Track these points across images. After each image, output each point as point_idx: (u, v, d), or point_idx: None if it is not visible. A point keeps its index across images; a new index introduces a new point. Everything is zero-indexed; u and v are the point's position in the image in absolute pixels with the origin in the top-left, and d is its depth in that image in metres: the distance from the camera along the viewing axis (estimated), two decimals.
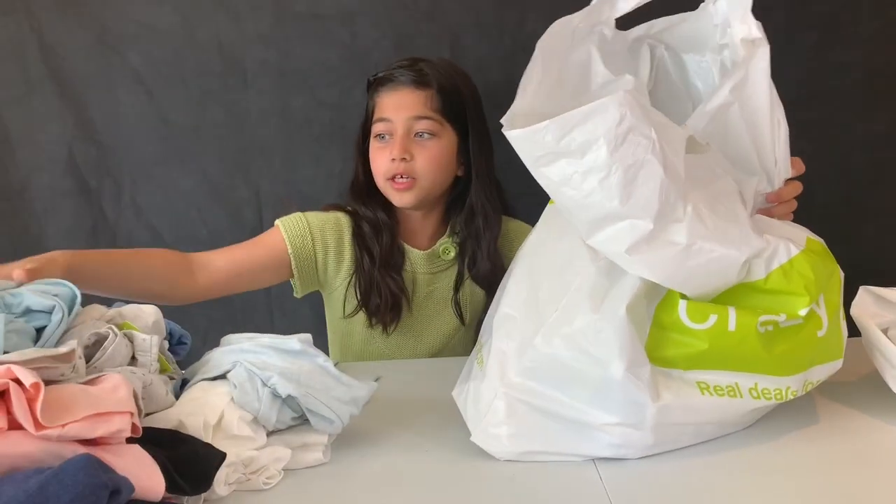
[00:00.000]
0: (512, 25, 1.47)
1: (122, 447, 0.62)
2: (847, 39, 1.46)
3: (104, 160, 1.50)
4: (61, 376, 0.65)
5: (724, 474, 0.76)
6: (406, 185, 1.19)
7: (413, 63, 1.21)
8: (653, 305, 0.77)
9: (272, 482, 0.75)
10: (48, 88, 1.47)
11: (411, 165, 1.18)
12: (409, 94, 1.19)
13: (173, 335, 0.89)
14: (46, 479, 0.53)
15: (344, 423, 0.80)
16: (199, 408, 0.75)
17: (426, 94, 1.19)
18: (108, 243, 1.53)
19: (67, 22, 1.45)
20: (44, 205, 1.51)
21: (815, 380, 0.82)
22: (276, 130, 1.50)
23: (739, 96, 0.79)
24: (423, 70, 1.20)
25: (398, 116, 1.18)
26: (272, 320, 1.57)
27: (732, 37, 0.83)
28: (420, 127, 1.19)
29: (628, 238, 0.72)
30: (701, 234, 0.73)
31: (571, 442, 0.77)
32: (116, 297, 1.02)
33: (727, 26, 0.85)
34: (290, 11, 1.46)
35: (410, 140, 1.19)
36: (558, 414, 0.77)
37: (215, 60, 1.47)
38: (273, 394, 0.78)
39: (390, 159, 1.18)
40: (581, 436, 0.77)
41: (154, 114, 1.49)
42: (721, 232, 0.74)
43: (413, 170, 1.18)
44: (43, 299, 0.72)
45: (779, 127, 0.82)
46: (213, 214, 1.53)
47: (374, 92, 1.23)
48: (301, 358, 0.81)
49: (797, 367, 0.80)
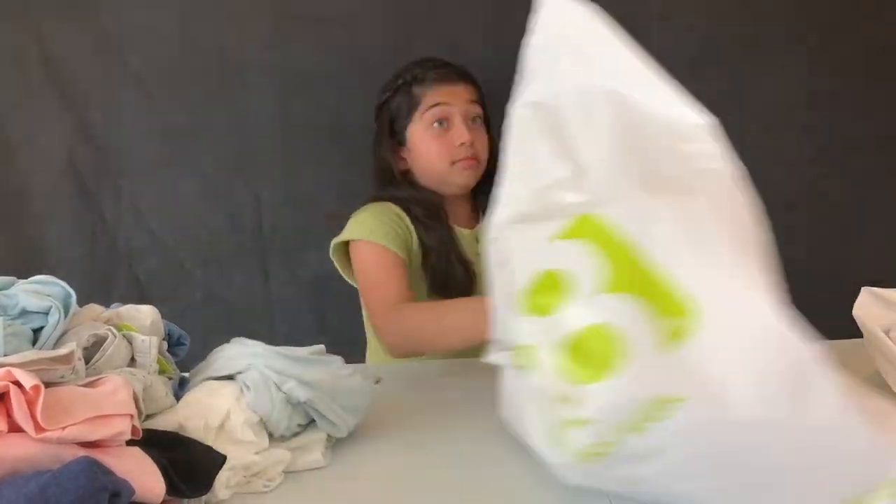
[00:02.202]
0: (512, 28, 1.47)
1: (123, 450, 0.61)
2: (848, 42, 1.46)
3: (104, 163, 1.50)
4: (61, 378, 0.65)
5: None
6: (473, 163, 1.27)
7: (446, 62, 1.29)
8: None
9: (272, 485, 0.75)
10: (48, 92, 1.47)
11: (474, 148, 1.26)
12: (462, 86, 1.28)
13: (172, 336, 0.89)
14: (46, 482, 0.53)
15: (350, 428, 0.82)
16: (201, 410, 0.75)
17: (472, 86, 1.29)
18: (108, 246, 1.53)
19: (67, 25, 1.45)
20: (44, 207, 1.51)
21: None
22: (276, 133, 1.50)
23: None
24: (463, 67, 1.30)
25: (459, 102, 1.26)
26: (272, 324, 1.57)
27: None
28: (475, 112, 1.28)
29: None
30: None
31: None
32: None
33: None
34: (290, 15, 1.46)
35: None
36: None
37: (215, 64, 1.47)
38: (286, 399, 0.78)
39: (457, 144, 1.25)
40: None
41: (154, 117, 1.49)
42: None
43: (476, 152, 1.27)
44: (38, 300, 0.72)
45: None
46: (213, 218, 1.53)
47: (420, 86, 1.27)
48: (314, 365, 0.81)
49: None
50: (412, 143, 1.29)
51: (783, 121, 1.50)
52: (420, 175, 1.31)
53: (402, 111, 1.29)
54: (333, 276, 1.55)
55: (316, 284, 1.56)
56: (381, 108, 1.32)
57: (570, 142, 0.70)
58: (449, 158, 1.26)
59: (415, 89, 1.27)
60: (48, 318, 0.72)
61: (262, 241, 1.54)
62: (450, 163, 1.26)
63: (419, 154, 1.29)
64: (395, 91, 1.30)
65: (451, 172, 1.27)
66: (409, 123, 1.28)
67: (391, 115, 1.31)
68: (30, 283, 0.75)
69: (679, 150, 0.68)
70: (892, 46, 1.47)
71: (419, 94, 1.27)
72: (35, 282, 0.76)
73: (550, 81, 0.76)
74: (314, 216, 1.53)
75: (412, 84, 1.28)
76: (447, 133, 1.26)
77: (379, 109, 1.33)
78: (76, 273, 1.51)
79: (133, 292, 1.54)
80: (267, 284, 1.55)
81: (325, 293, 1.56)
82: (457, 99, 1.26)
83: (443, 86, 1.27)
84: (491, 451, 0.83)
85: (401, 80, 1.29)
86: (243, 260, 1.55)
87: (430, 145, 1.27)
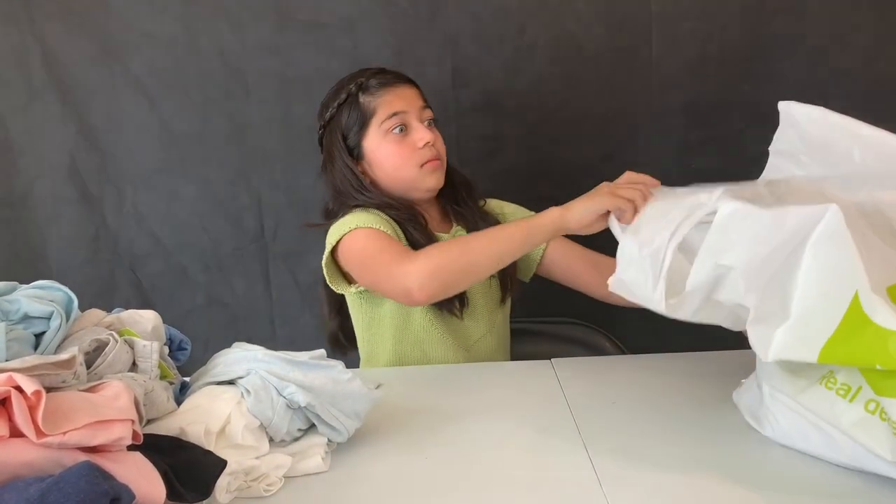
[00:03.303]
0: (512, 33, 1.47)
1: (123, 454, 0.62)
2: (848, 47, 1.46)
3: (106, 168, 1.51)
4: (62, 383, 0.65)
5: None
6: (438, 164, 1.24)
7: (385, 68, 1.27)
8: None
9: (273, 489, 0.75)
10: (51, 96, 1.48)
11: (436, 147, 1.23)
12: (410, 90, 1.25)
13: (173, 341, 0.89)
14: (47, 486, 0.53)
15: (349, 433, 0.83)
16: (202, 415, 0.75)
17: (417, 89, 1.26)
18: (110, 250, 1.53)
19: (70, 31, 1.46)
20: (46, 212, 1.52)
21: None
22: (278, 138, 1.51)
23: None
24: (402, 72, 1.27)
25: (412, 107, 1.23)
26: (274, 328, 1.57)
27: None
28: (428, 115, 1.25)
29: None
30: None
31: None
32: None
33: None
34: (292, 20, 1.46)
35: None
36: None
37: (217, 69, 1.48)
38: (287, 404, 0.78)
39: (420, 146, 1.21)
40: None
41: (156, 122, 1.49)
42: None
43: (439, 151, 1.24)
44: (40, 305, 0.72)
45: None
46: (214, 222, 1.53)
47: (367, 95, 1.23)
48: (315, 370, 0.81)
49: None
50: (370, 154, 1.23)
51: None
52: (386, 184, 1.24)
53: (355, 125, 1.23)
54: None
55: (317, 289, 1.56)
56: (328, 127, 1.26)
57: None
58: (415, 162, 1.21)
59: (363, 99, 1.23)
60: (50, 323, 0.73)
61: (263, 246, 1.54)
62: (417, 166, 1.22)
63: (381, 163, 1.23)
64: (339, 106, 1.24)
65: (420, 176, 1.22)
66: (364, 136, 1.23)
67: (343, 130, 1.24)
68: (32, 289, 0.76)
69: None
70: (891, 53, 1.47)
71: (369, 104, 1.22)
72: (37, 287, 0.76)
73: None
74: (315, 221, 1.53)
75: (358, 94, 1.23)
76: (407, 137, 1.22)
77: (325, 128, 1.27)
78: (78, 278, 1.52)
79: (135, 297, 1.54)
80: (268, 289, 1.56)
81: None
82: (410, 104, 1.23)
83: (391, 90, 1.23)
84: (490, 455, 0.83)
85: (344, 93, 1.24)
86: (245, 264, 1.55)
87: (392, 152, 1.22)
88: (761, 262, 0.73)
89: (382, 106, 1.22)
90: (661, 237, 0.80)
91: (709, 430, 0.87)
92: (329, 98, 1.26)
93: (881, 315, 0.67)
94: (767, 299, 0.74)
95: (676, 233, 0.80)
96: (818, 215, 0.71)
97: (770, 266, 0.73)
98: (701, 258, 0.77)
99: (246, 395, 0.77)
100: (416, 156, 1.21)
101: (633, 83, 1.49)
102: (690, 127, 1.49)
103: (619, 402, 0.97)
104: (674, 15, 1.46)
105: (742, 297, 0.75)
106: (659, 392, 0.99)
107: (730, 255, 0.75)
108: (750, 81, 1.47)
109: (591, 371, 1.10)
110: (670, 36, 1.47)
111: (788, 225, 0.72)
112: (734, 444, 0.83)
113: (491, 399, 1.00)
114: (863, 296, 0.68)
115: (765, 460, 0.80)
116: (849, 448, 0.74)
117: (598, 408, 0.95)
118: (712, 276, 0.77)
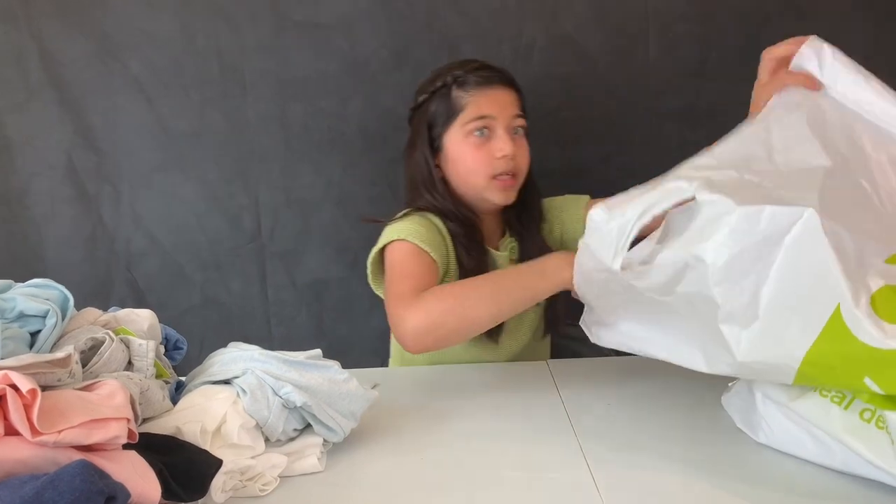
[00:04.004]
0: (510, 35, 1.48)
1: (119, 453, 0.62)
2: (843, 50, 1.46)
3: (103, 167, 1.51)
4: (58, 381, 0.65)
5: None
6: (512, 183, 1.18)
7: (489, 64, 1.21)
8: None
9: (268, 489, 0.75)
10: (48, 95, 1.47)
11: (515, 162, 1.17)
12: (506, 93, 1.19)
13: (169, 340, 0.89)
14: (42, 485, 0.53)
15: (345, 433, 0.83)
16: (197, 414, 0.75)
17: (516, 93, 1.20)
18: (106, 249, 1.53)
19: (68, 29, 1.46)
20: (43, 211, 1.52)
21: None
22: (275, 138, 1.51)
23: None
24: (507, 72, 1.21)
25: (503, 113, 1.17)
26: (270, 327, 1.57)
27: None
28: (519, 123, 1.19)
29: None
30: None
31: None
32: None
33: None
34: (290, 20, 1.46)
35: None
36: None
37: (215, 68, 1.48)
38: (283, 404, 0.78)
39: (498, 156, 1.16)
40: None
41: (153, 121, 1.49)
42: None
43: (517, 166, 1.18)
44: (36, 303, 0.72)
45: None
46: (211, 221, 1.53)
47: (461, 90, 1.18)
48: (311, 370, 0.81)
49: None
50: (449, 150, 1.20)
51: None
52: (456, 185, 1.21)
53: (441, 117, 1.20)
54: (331, 281, 1.56)
55: (314, 289, 1.56)
56: (418, 111, 1.23)
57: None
58: (488, 172, 1.17)
59: (455, 93, 1.18)
60: (46, 322, 0.73)
61: (260, 246, 1.54)
62: (488, 177, 1.17)
63: (456, 164, 1.20)
64: (432, 94, 1.20)
65: (488, 189, 1.18)
66: (447, 131, 1.19)
67: (429, 119, 1.21)
68: (28, 287, 0.76)
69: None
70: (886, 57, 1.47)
71: (460, 99, 1.18)
72: (33, 285, 0.76)
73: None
74: (313, 221, 1.54)
75: (452, 87, 1.18)
76: (487, 143, 1.17)
77: (414, 112, 1.25)
78: (74, 276, 1.51)
79: (131, 296, 1.54)
80: (265, 289, 1.56)
81: (323, 298, 1.56)
82: (501, 109, 1.17)
83: (486, 91, 1.17)
84: (486, 456, 0.83)
85: (440, 82, 1.19)
86: (241, 264, 1.55)
87: (468, 156, 1.18)
88: (732, 258, 0.71)
89: (471, 105, 1.17)
90: (632, 212, 0.80)
91: (705, 431, 0.87)
92: (426, 83, 1.23)
93: (864, 333, 0.66)
94: (736, 296, 0.72)
95: (646, 213, 0.79)
96: (794, 216, 0.69)
97: (741, 263, 0.71)
98: (673, 244, 0.76)
99: (242, 395, 0.78)
100: (491, 165, 1.16)
101: (631, 85, 1.49)
102: (688, 129, 1.49)
103: (616, 404, 0.97)
104: (671, 17, 1.46)
105: (709, 290, 0.73)
106: (655, 394, 0.99)
107: (701, 247, 0.73)
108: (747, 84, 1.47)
109: (587, 372, 1.10)
110: (667, 38, 1.47)
111: (763, 223, 0.70)
112: (730, 447, 0.83)
113: (487, 400, 1.00)
114: (845, 310, 0.67)
115: (760, 463, 0.80)
116: (841, 454, 0.74)
117: (594, 409, 0.95)
118: (681, 265, 0.75)
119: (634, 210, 0.80)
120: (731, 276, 0.72)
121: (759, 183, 0.76)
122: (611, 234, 0.81)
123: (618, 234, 0.80)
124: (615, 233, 0.80)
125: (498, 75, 1.20)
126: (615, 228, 0.81)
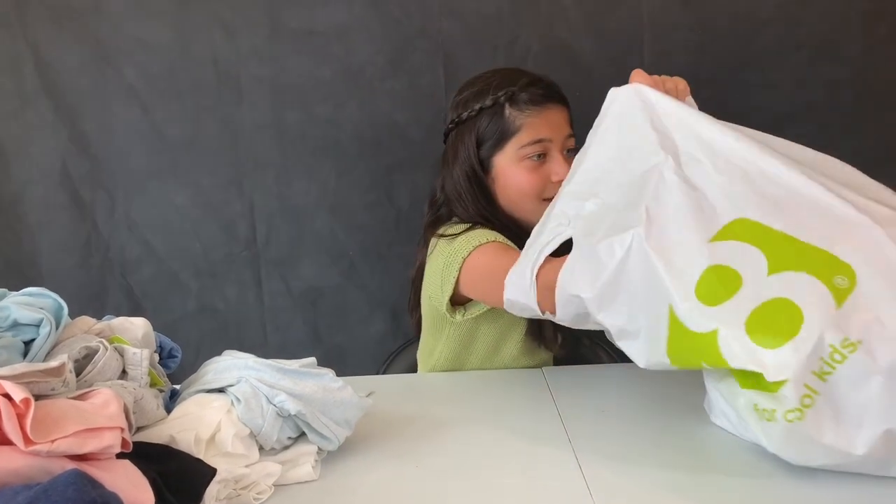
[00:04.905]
0: (504, 42, 1.48)
1: (112, 462, 0.61)
2: (837, 58, 1.47)
3: (98, 174, 1.51)
4: (52, 391, 0.65)
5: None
6: None
7: (540, 78, 1.16)
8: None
9: (263, 498, 0.75)
10: (43, 102, 1.47)
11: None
12: (560, 112, 1.16)
13: (164, 348, 0.89)
14: (35, 495, 0.53)
15: (340, 442, 0.83)
16: (192, 422, 0.75)
17: (567, 109, 1.17)
18: (101, 256, 1.53)
19: (63, 36, 1.46)
20: (37, 218, 1.52)
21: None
22: (270, 145, 1.51)
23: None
24: (557, 86, 1.17)
25: (558, 134, 1.13)
26: (265, 334, 1.57)
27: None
28: (571, 144, 1.15)
29: None
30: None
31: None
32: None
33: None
34: (285, 27, 1.47)
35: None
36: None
37: (210, 75, 1.48)
38: (277, 412, 0.78)
39: (554, 181, 1.11)
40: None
41: (148, 128, 1.49)
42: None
43: None
44: (30, 312, 0.72)
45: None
46: (206, 228, 1.53)
47: (515, 109, 1.13)
48: (305, 378, 0.81)
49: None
50: (499, 171, 1.15)
51: (775, 133, 1.50)
52: (504, 204, 1.16)
53: (492, 137, 1.14)
54: (326, 288, 1.56)
55: (309, 296, 1.56)
56: (462, 126, 1.16)
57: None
58: (541, 195, 1.12)
59: (509, 113, 1.13)
60: (39, 331, 0.72)
61: (255, 253, 1.54)
62: (541, 199, 1.12)
63: (506, 185, 1.15)
64: (481, 110, 1.14)
65: (538, 211, 1.04)
66: (499, 152, 1.14)
67: (478, 136, 1.15)
68: (21, 295, 0.76)
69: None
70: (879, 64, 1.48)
71: (514, 120, 1.12)
72: (27, 294, 0.76)
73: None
74: (308, 228, 1.54)
75: (505, 105, 1.13)
76: (543, 167, 1.13)
77: (460, 125, 1.17)
78: (69, 284, 1.51)
79: (126, 303, 1.54)
80: (260, 296, 1.56)
81: (318, 305, 1.56)
82: (557, 131, 1.13)
83: (541, 112, 1.12)
84: (481, 463, 0.83)
85: (490, 99, 1.13)
86: (236, 271, 1.55)
87: (522, 179, 1.13)
88: (600, 289, 0.82)
89: (528, 128, 1.12)
90: (527, 260, 0.92)
91: (699, 438, 0.87)
92: (471, 96, 1.16)
93: (692, 322, 0.75)
94: (616, 318, 0.83)
95: (539, 257, 0.91)
96: (625, 242, 0.80)
97: (609, 290, 0.82)
98: (560, 285, 0.87)
99: (236, 403, 0.77)
100: (546, 188, 1.13)
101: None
102: None
103: (610, 411, 0.97)
104: (665, 25, 1.47)
105: (597, 317, 0.84)
106: (649, 401, 0.99)
107: (576, 286, 0.85)
108: (741, 91, 1.48)
109: (582, 379, 1.10)
110: (662, 45, 1.47)
111: (603, 256, 0.82)
112: (724, 454, 0.83)
113: (481, 407, 1.01)
114: (676, 308, 0.76)
115: (755, 468, 0.80)
116: (749, 432, 0.80)
117: (588, 416, 0.95)
118: (572, 304, 0.87)
119: (528, 259, 0.92)
120: (604, 304, 0.83)
121: (614, 204, 0.88)
122: (525, 275, 0.92)
123: (530, 285, 0.92)
124: (528, 282, 0.92)
125: (552, 92, 1.15)
126: (527, 279, 0.92)
